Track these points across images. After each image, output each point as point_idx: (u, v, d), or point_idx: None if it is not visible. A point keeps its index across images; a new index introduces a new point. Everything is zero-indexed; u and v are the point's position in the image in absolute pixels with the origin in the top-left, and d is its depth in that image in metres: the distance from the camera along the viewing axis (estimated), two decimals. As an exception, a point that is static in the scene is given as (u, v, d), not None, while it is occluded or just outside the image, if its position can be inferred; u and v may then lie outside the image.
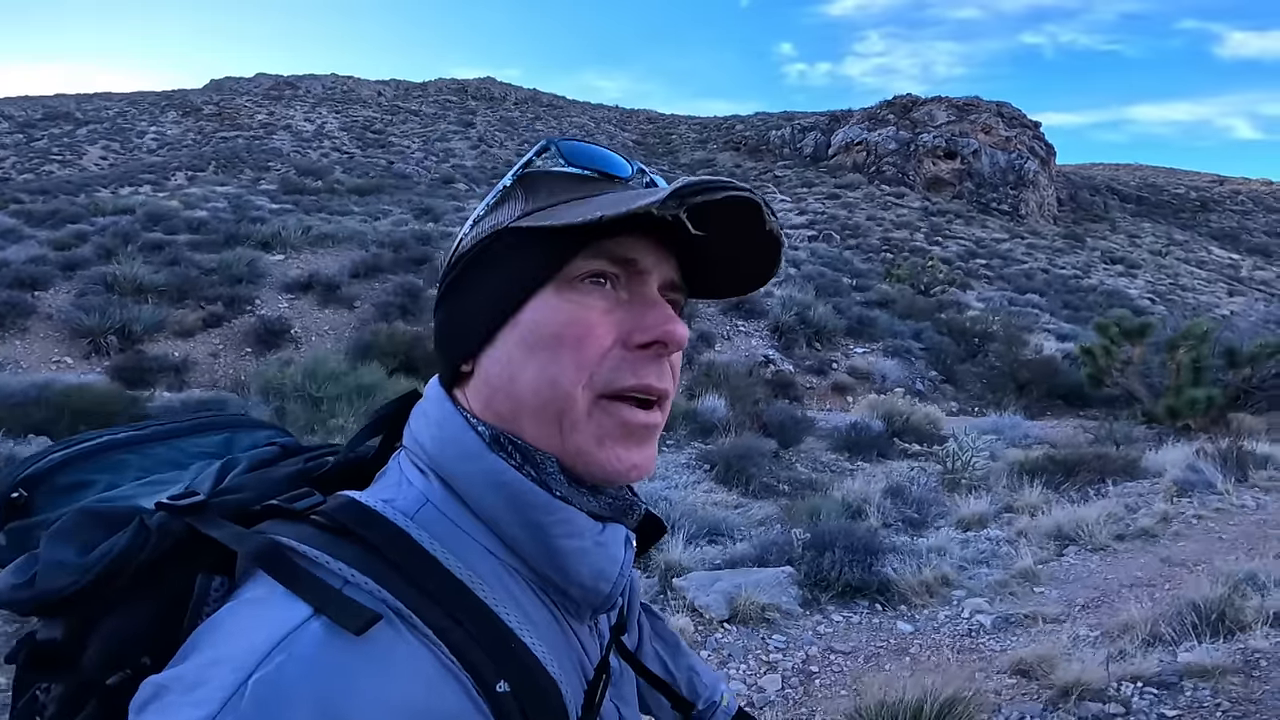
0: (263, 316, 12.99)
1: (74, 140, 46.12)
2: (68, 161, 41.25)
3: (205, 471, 0.58)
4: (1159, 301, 27.67)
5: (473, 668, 0.42)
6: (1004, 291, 24.88)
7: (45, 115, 51.16)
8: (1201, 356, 10.46)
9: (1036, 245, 37.07)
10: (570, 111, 71.38)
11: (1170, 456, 6.82)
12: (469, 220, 0.56)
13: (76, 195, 23.84)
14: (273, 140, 45.03)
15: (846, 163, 48.60)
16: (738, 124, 65.11)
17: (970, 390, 13.82)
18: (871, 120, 50.21)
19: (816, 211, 37.13)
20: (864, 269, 24.05)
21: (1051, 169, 48.59)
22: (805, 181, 45.50)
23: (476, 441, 0.51)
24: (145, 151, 44.34)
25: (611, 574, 0.52)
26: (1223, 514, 5.62)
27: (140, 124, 50.57)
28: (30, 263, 13.86)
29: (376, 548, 0.45)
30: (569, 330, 0.50)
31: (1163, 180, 67.75)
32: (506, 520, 0.49)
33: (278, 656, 0.37)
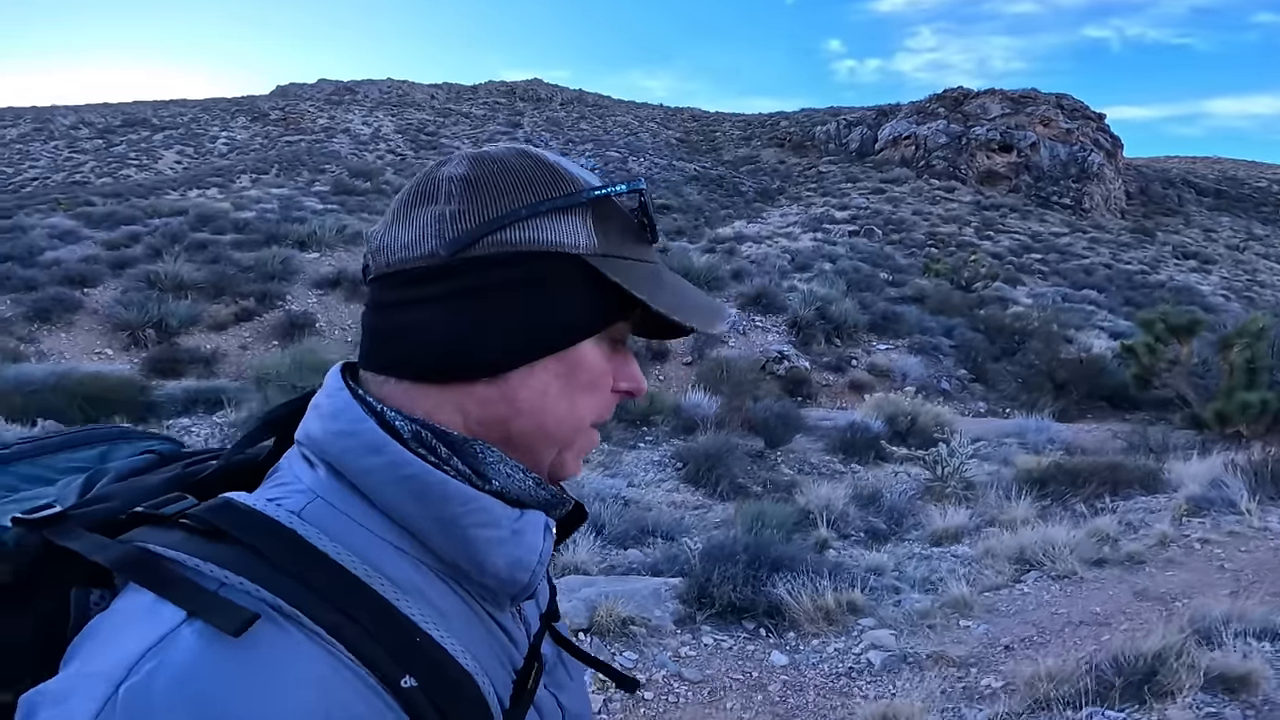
0: (290, 311, 13.34)
1: (150, 145, 48.82)
2: (144, 166, 43.67)
3: (71, 485, 0.54)
4: (1233, 299, 25.63)
5: (372, 664, 0.40)
6: (1058, 287, 23.54)
7: (124, 121, 54.35)
8: (1258, 356, 9.45)
9: (1100, 240, 34.92)
10: (615, 111, 71.43)
11: (1196, 469, 6.10)
12: (493, 200, 0.50)
13: (146, 198, 25.09)
14: (332, 143, 46.52)
15: (894, 157, 47.00)
16: (782, 120, 63.86)
17: (1003, 390, 12.98)
18: (920, 114, 48.43)
19: (860, 206, 35.97)
20: (905, 264, 23.14)
21: (1118, 161, 45.79)
22: (850, 177, 44.20)
23: (376, 433, 0.48)
24: (216, 156, 46.54)
25: (530, 563, 0.50)
26: (1236, 538, 4.97)
27: (212, 129, 53.16)
28: (83, 262, 14.65)
29: (254, 547, 0.42)
30: (602, 380, 0.54)
31: (1243, 173, 62.94)
32: (412, 513, 0.47)
33: (148, 664, 0.36)
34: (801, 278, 17.66)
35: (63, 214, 19.55)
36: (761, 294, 14.28)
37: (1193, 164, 67.70)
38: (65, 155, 47.33)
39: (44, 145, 49.77)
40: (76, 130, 53.03)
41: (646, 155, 50.79)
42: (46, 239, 16.14)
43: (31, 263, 14.43)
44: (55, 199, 25.36)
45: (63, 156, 47.04)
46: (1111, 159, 44.55)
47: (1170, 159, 71.00)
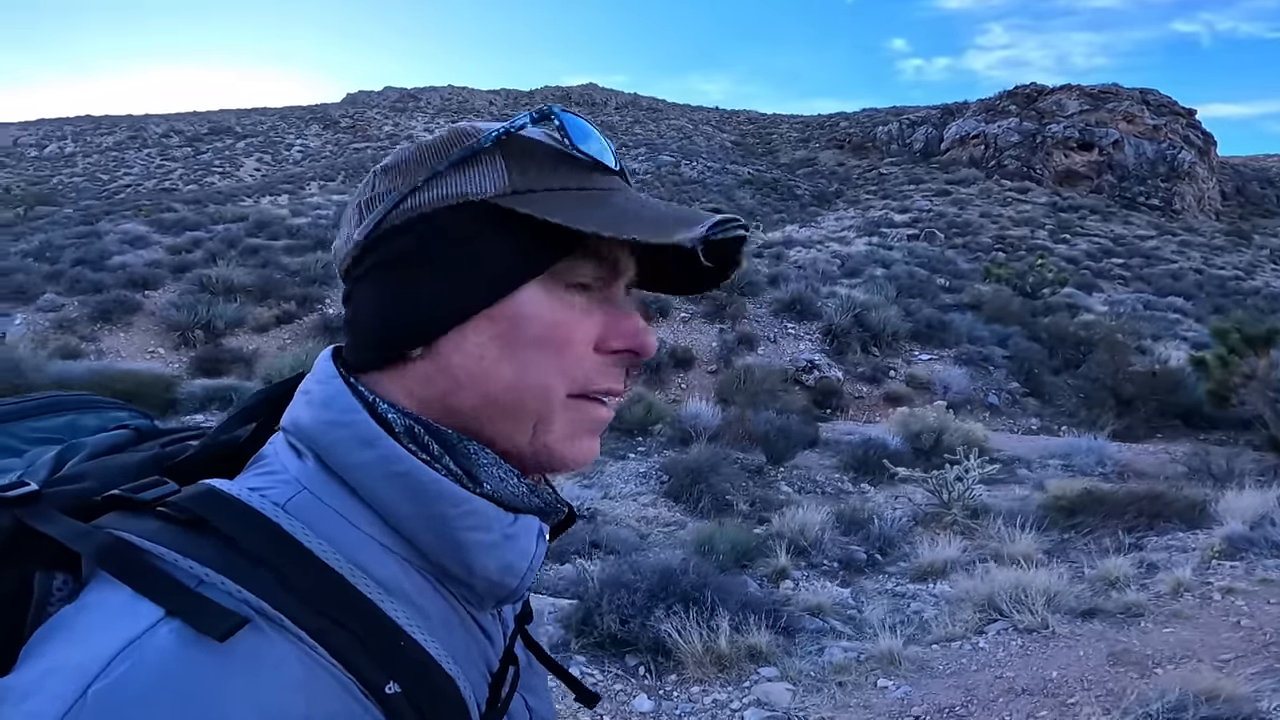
0: (325, 314, 13.75)
1: (233, 153, 51.83)
2: (227, 173, 46.37)
3: (41, 459, 0.51)
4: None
5: (356, 670, 0.39)
6: (1141, 294, 21.89)
7: (211, 130, 57.96)
8: (1350, 373, 8.37)
9: (1190, 243, 32.35)
10: (669, 114, 71.34)
11: (1247, 501, 5.35)
12: (404, 160, 0.48)
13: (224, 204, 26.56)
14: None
15: (961, 157, 45.03)
16: (842, 121, 62.29)
17: (1060, 406, 12.04)
18: (989, 112, 46.29)
19: (922, 209, 34.52)
20: (966, 269, 21.99)
21: (1212, 159, 42.48)
22: (913, 178, 42.56)
23: (370, 426, 0.45)
24: (291, 163, 48.99)
25: (520, 568, 0.48)
26: (1268, 587, 4.32)
27: (288, 137, 56.03)
28: (147, 266, 15.56)
29: (235, 541, 0.40)
30: (556, 333, 0.46)
31: (1362, 167, 57.18)
32: (402, 510, 0.45)
33: (120, 665, 0.34)
34: (849, 283, 16.98)
35: (141, 219, 20.87)
36: (796, 300, 13.76)
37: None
38: (157, 163, 50.78)
39: (138, 153, 53.55)
40: (168, 138, 56.89)
41: (700, 159, 50.38)
42: (118, 244, 17.27)
43: (101, 266, 15.40)
44: (138, 205, 27.15)
45: (155, 164, 50.48)
46: (1204, 157, 41.37)
47: (1271, 157, 65.24)
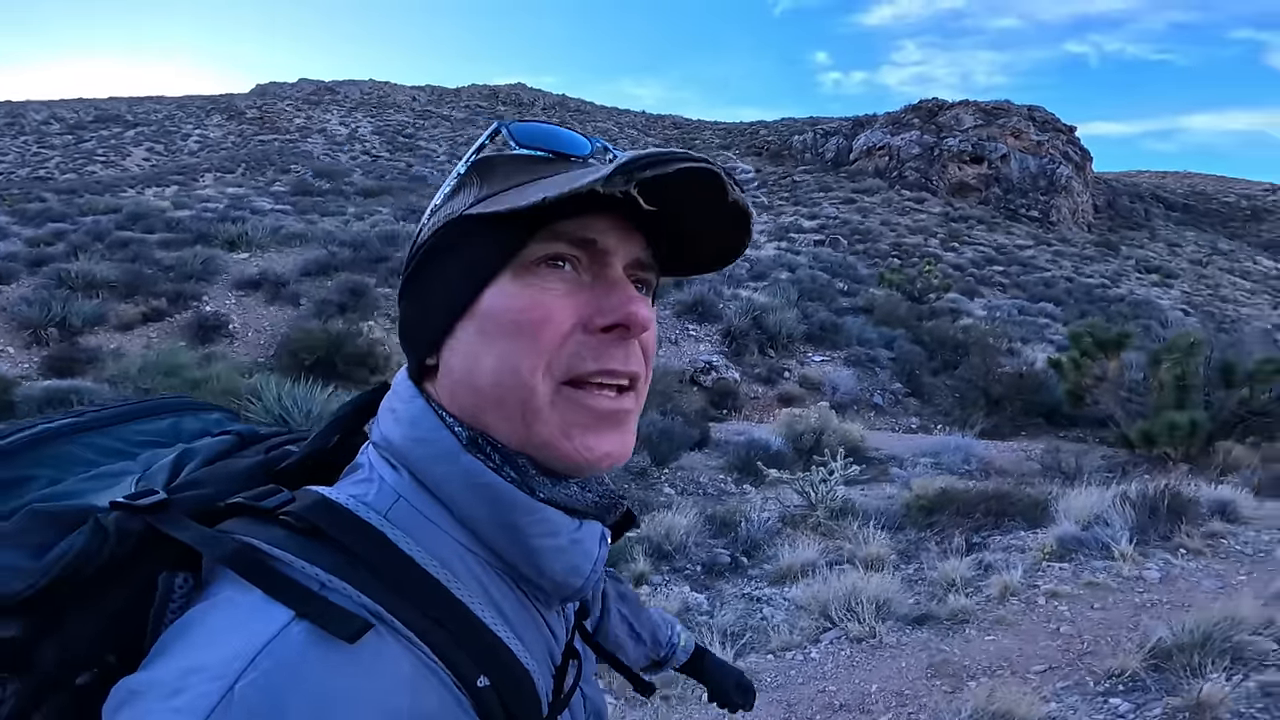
0: (200, 312, 12.69)
1: (120, 142, 47.74)
2: (111, 162, 42.62)
3: (159, 464, 0.54)
4: (1193, 313, 25.36)
5: (454, 666, 0.42)
6: (1017, 300, 23.19)
7: (97, 118, 53.23)
8: (1188, 373, 8.98)
9: (1064, 253, 34.75)
10: (596, 116, 71.01)
11: (1084, 500, 5.54)
12: (427, 210, 0.54)
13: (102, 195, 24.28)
14: (306, 143, 45.72)
15: (868, 167, 46.80)
16: (762, 129, 63.71)
17: (938, 405, 12.50)
18: (895, 125, 48.28)
19: (829, 216, 35.62)
20: (865, 274, 22.71)
21: (1087, 174, 45.79)
22: (823, 186, 43.90)
23: (452, 441, 0.48)
24: (186, 154, 45.53)
25: (585, 569, 0.51)
26: (1093, 591, 4.42)
27: (185, 127, 52.12)
28: (2, 259, 13.91)
29: (351, 549, 0.43)
30: (526, 316, 0.47)
31: (1212, 188, 63.36)
32: (482, 518, 0.48)
33: (262, 664, 0.36)
34: (755, 286, 17.17)
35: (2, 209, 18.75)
36: (698, 302, 13.75)
37: (1163, 179, 68.11)
38: (34, 150, 46.18)
39: (14, 140, 48.54)
40: (47, 125, 51.85)
41: (623, 161, 50.22)
42: (-31, 235, 15.39)
43: (-53, 259, 13.68)
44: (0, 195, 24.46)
45: (30, 152, 45.88)
46: (1080, 172, 44.52)
47: (1141, 173, 71.48)
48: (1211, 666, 3.35)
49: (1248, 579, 4.67)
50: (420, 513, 0.47)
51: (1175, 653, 3.49)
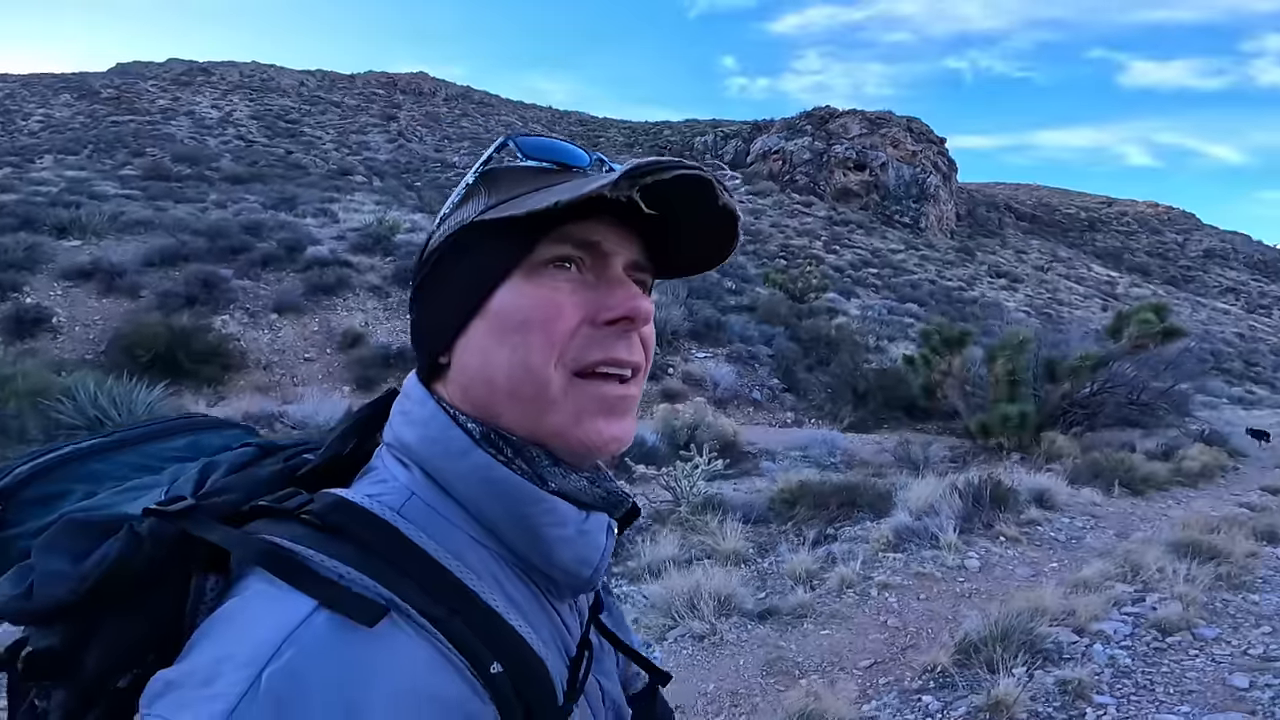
0: (20, 304, 11.04)
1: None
2: (-69, 140, 36.79)
3: (185, 475, 0.55)
4: (1034, 315, 27.77)
5: (468, 652, 0.43)
6: (887, 300, 24.47)
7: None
8: (1019, 369, 9.63)
9: (929, 257, 37.25)
10: (500, 110, 69.23)
11: (920, 491, 5.70)
12: (436, 219, 0.56)
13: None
14: (169, 126, 41.47)
15: (763, 170, 48.21)
16: (665, 129, 64.34)
17: (812, 400, 12.84)
18: (790, 130, 50.02)
19: (723, 217, 36.32)
20: (754, 274, 23.23)
21: (953, 185, 49.31)
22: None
23: (463, 438, 0.50)
24: (25, 135, 40.13)
25: (593, 560, 0.52)
26: (921, 581, 4.51)
27: (28, 106, 46.01)
28: None
29: (367, 543, 0.44)
30: (537, 313, 0.50)
31: (1057, 201, 70.18)
32: (494, 511, 0.49)
33: (288, 650, 0.37)
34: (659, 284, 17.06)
35: None
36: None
37: (1016, 190, 74.69)
38: None
39: None
40: None
41: (522, 157, 49.15)
42: None
43: None
44: None
45: None
46: (947, 182, 47.89)
47: (998, 185, 77.99)
48: (1014, 661, 3.39)
49: (1058, 566, 4.93)
50: (433, 508, 0.49)
51: (981, 647, 3.53)
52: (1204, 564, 4.39)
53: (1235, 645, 3.49)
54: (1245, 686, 3.06)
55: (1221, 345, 30.62)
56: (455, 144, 49.33)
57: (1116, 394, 9.63)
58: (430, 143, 49.15)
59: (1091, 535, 5.45)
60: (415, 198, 25.09)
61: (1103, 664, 3.44)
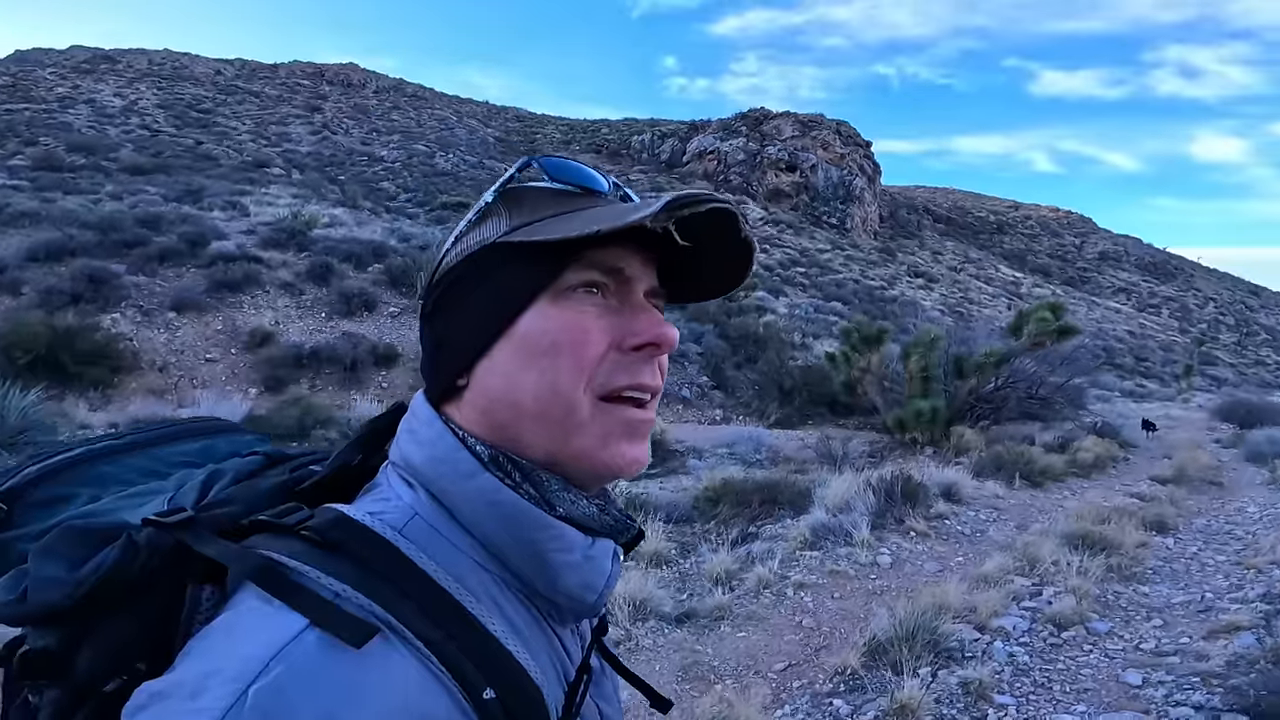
0: None
1: None
2: None
3: (189, 483, 0.55)
4: (948, 313, 28.97)
5: (461, 677, 0.42)
6: (814, 299, 24.98)
7: None
8: (931, 366, 9.88)
9: (854, 257, 38.39)
10: (435, 104, 67.10)
11: (838, 487, 5.67)
12: (450, 237, 0.55)
13: None
14: (66, 114, 38.13)
15: (698, 170, 48.53)
16: (604, 127, 63.93)
17: (740, 397, 12.87)
18: (725, 131, 50.51)
19: (657, 216, 36.32)
20: (686, 273, 23.25)
21: (877, 187, 51.03)
22: (656, 186, 44.86)
23: (470, 461, 0.50)
24: (-100, 118, 36.01)
25: (598, 585, 0.52)
26: (836, 579, 4.45)
27: (-96, 87, 41.37)
28: None
29: (366, 562, 0.44)
30: (566, 337, 0.49)
31: (970, 204, 73.80)
32: (498, 535, 0.49)
33: (275, 667, 0.37)
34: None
35: None
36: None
37: (934, 194, 78.09)
38: None
39: None
40: None
41: (458, 151, 47.81)
42: None
43: None
44: None
45: None
46: (872, 184, 49.50)
47: (918, 188, 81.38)
48: (919, 661, 3.36)
49: (963, 560, 4.98)
50: (436, 530, 0.48)
51: (888, 648, 3.48)
52: (1096, 555, 4.50)
53: (1127, 640, 3.54)
54: (1139, 684, 3.08)
55: (1114, 342, 32.84)
56: (385, 137, 47.46)
57: (1018, 389, 10.01)
58: (357, 135, 47.10)
59: (994, 528, 5.55)
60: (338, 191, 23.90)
61: (1003, 662, 3.44)
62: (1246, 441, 9.54)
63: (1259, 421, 12.02)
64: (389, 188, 32.77)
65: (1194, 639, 3.43)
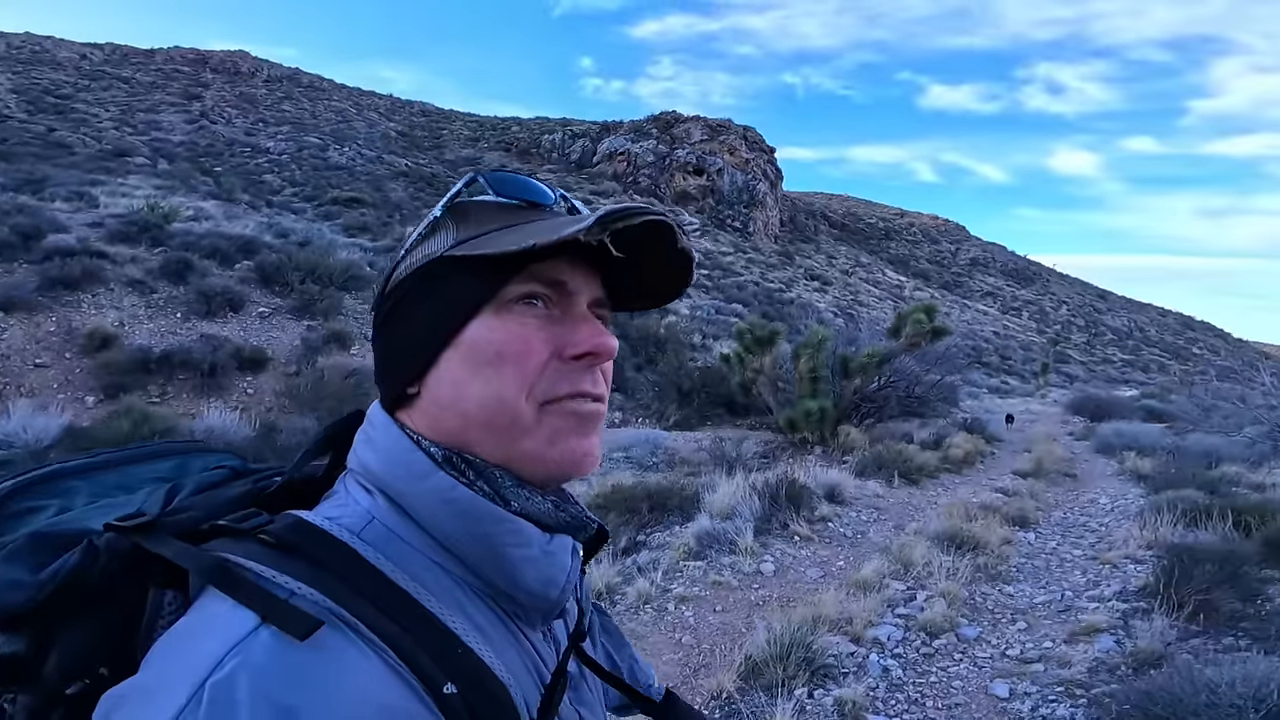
0: None
1: None
2: None
3: (154, 495, 0.56)
4: (840, 315, 30.15)
5: (420, 670, 0.42)
6: (716, 300, 25.23)
7: None
8: (819, 366, 9.97)
9: (755, 260, 39.36)
10: (333, 95, 63.05)
11: (724, 492, 5.44)
12: (400, 250, 0.56)
13: None
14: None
15: (608, 171, 48.21)
16: (514, 125, 62.35)
17: (640, 399, 12.58)
18: (636, 132, 50.44)
19: (565, 216, 35.74)
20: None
21: (778, 192, 52.64)
22: (565, 186, 41.45)
23: (425, 462, 0.50)
24: None
25: (559, 581, 0.51)
26: (719, 591, 4.19)
27: None
28: None
29: (321, 562, 0.44)
30: (510, 348, 0.50)
31: (861, 211, 77.94)
32: (456, 533, 0.49)
33: (230, 662, 0.37)
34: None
35: None
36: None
37: (830, 200, 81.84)
38: None
39: None
40: None
41: (354, 145, 45.02)
42: None
43: None
44: None
45: None
46: (774, 189, 50.97)
47: (816, 194, 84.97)
48: (795, 680, 3.15)
49: (844, 564, 4.85)
50: (393, 533, 0.48)
51: (764, 669, 3.24)
52: (965, 555, 4.47)
53: (995, 645, 3.45)
54: (1006, 696, 2.96)
55: (982, 342, 35.46)
56: (273, 128, 44.02)
57: (899, 388, 10.29)
58: (241, 126, 43.39)
59: (874, 529, 5.49)
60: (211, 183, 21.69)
61: (877, 677, 3.26)
62: (1096, 434, 10.26)
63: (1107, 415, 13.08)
64: (273, 181, 30.28)
65: (1056, 643, 3.38)
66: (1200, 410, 10.35)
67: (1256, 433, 7.97)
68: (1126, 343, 58.96)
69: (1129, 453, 8.43)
